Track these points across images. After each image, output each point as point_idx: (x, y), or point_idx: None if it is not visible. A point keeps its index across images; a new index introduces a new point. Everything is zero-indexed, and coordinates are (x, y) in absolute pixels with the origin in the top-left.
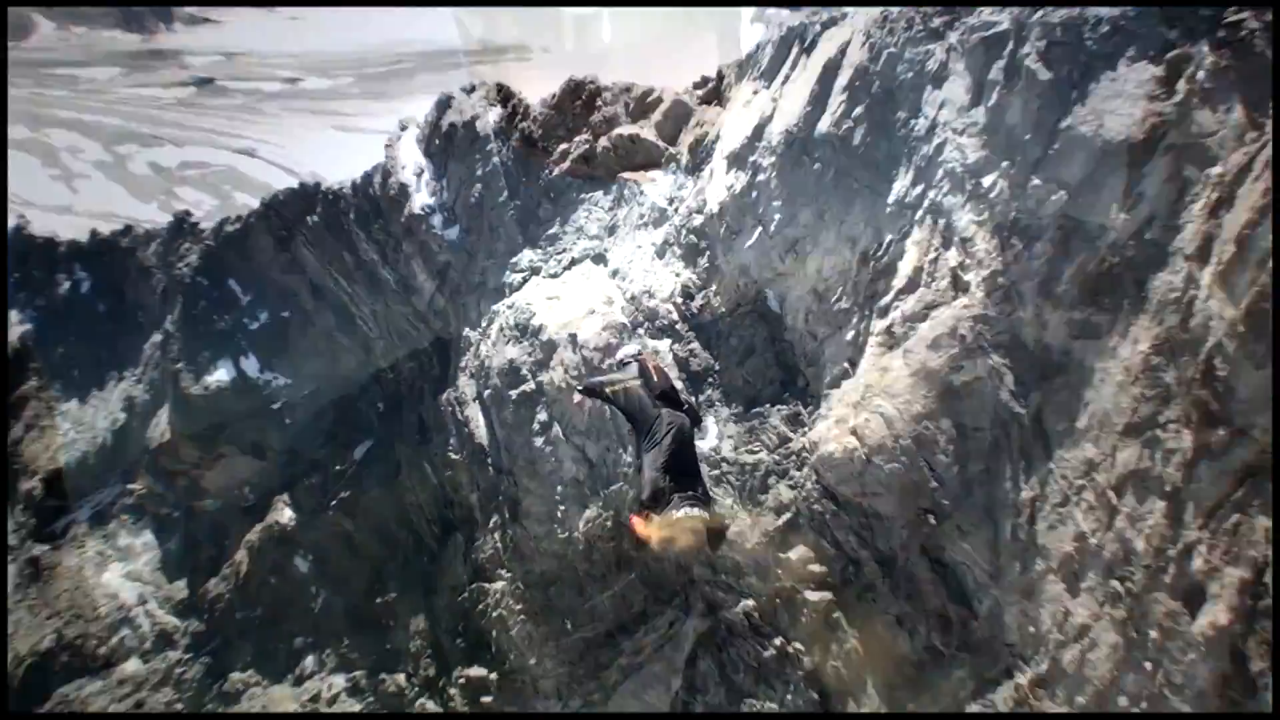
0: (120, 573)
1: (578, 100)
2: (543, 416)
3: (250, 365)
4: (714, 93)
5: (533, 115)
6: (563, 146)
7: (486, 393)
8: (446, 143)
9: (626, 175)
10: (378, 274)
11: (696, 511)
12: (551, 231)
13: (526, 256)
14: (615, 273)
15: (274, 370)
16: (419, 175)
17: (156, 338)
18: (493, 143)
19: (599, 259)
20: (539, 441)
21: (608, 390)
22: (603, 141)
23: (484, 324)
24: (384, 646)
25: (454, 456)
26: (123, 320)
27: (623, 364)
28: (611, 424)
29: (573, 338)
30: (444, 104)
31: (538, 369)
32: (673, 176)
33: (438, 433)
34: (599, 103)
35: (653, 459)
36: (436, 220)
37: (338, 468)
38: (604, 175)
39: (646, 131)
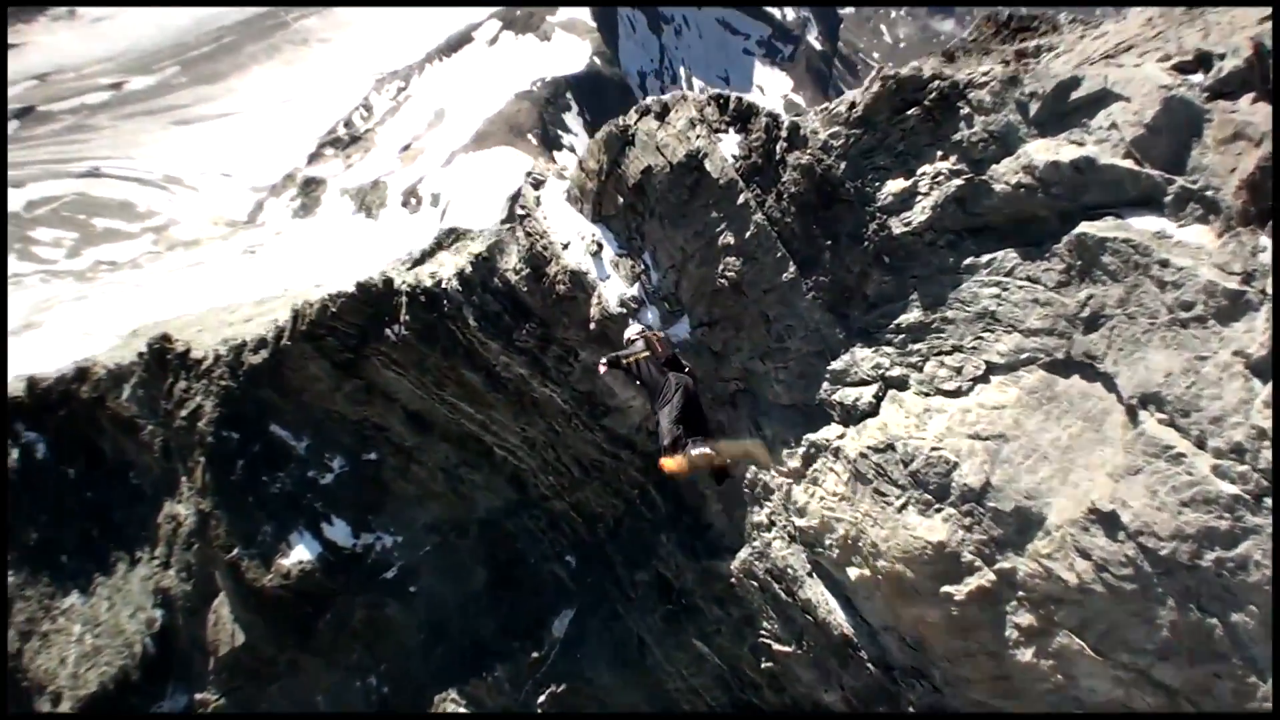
0: None
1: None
2: (1020, 619)
3: (339, 531)
4: None
5: (819, 139)
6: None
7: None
8: (638, 198)
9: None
10: (531, 392)
11: (705, 449)
12: (907, 318)
13: (864, 357)
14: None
15: (375, 529)
16: (595, 252)
17: (176, 508)
18: (744, 192)
19: (1060, 366)
20: (1019, 654)
21: (625, 362)
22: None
23: (795, 460)
24: None
25: (782, 647)
26: (109, 486)
27: (631, 342)
28: None
29: (1106, 516)
30: (616, 141)
31: (993, 551)
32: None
33: (709, 602)
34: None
35: (667, 413)
36: (651, 315)
37: (532, 653)
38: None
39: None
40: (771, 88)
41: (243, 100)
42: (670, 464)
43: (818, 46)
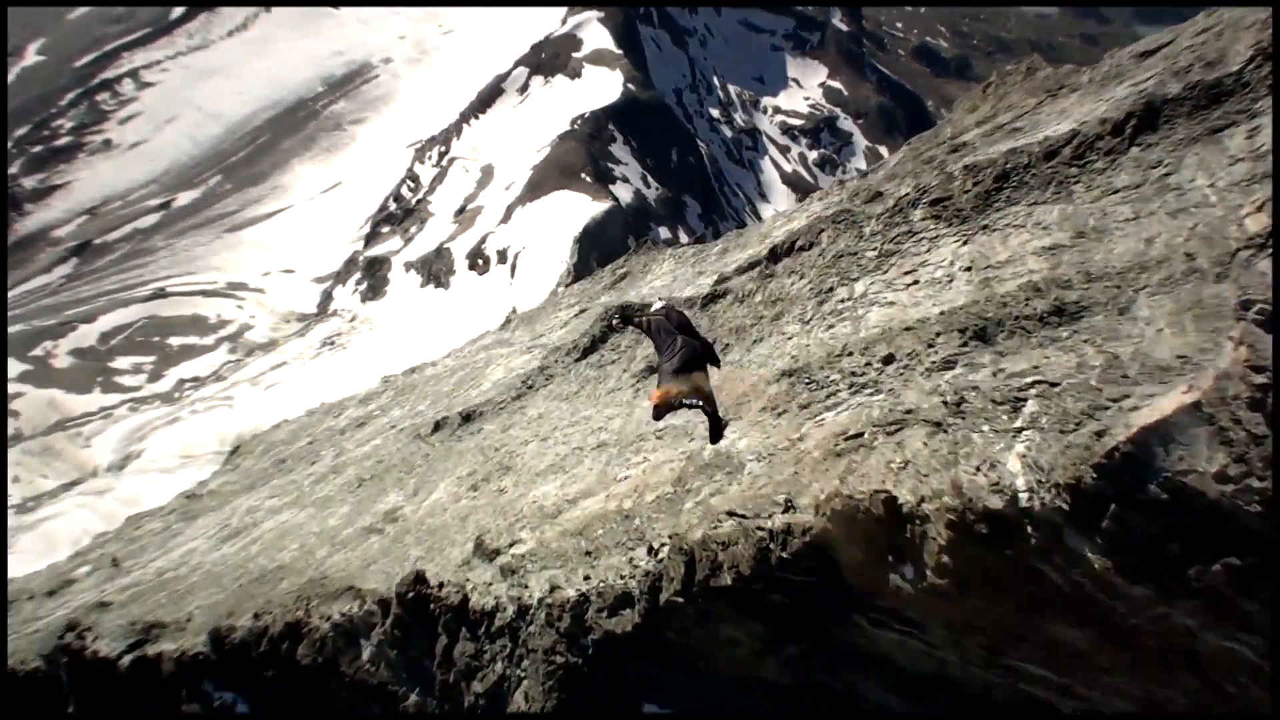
0: None
1: None
2: None
3: None
4: None
5: None
6: None
7: None
8: None
9: None
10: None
11: (698, 409)
12: None
13: None
14: None
15: None
16: None
17: None
18: None
19: None
20: None
21: (636, 319)
22: None
23: None
24: None
25: None
26: None
27: (654, 310)
28: None
29: None
30: None
31: None
32: None
33: None
34: None
35: (667, 362)
36: None
37: None
38: None
39: None
40: (807, 78)
41: (289, 195)
42: (656, 394)
43: (844, 28)
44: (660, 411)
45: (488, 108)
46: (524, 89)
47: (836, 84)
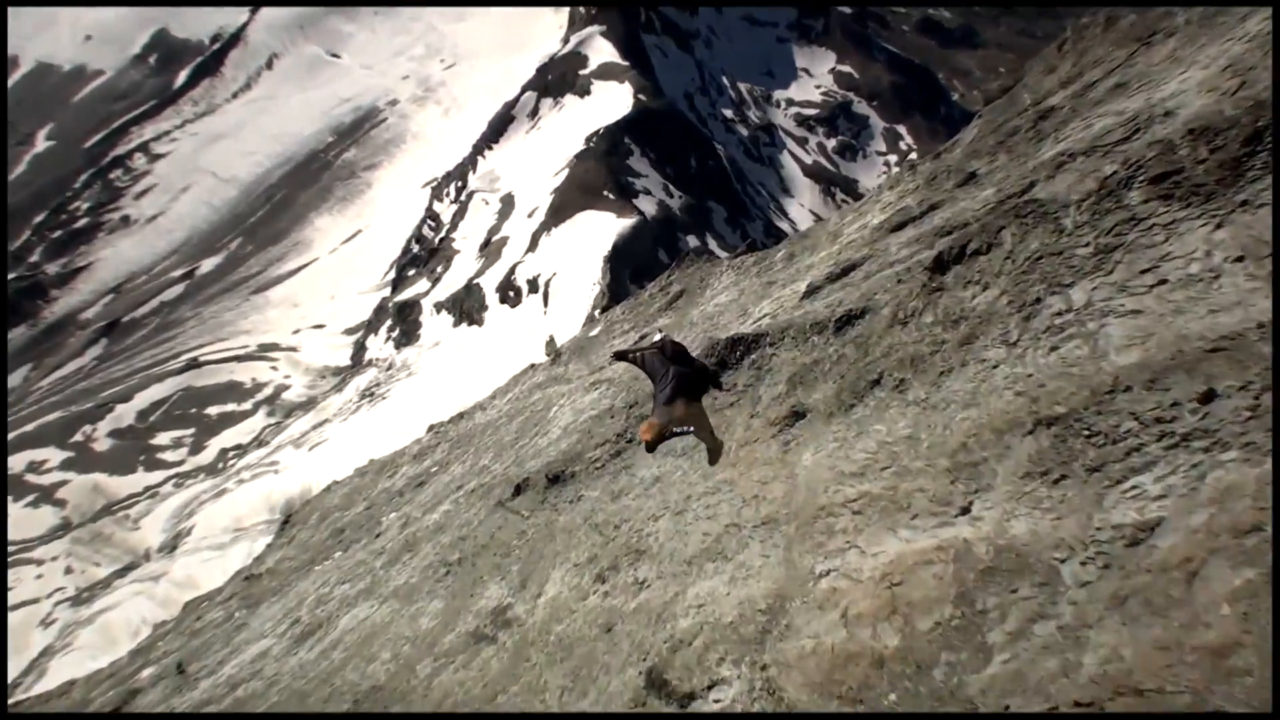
0: None
1: None
2: None
3: None
4: None
5: None
6: None
7: None
8: None
9: None
10: None
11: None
12: None
13: None
14: None
15: None
16: None
17: None
18: None
19: None
20: None
21: (630, 356)
22: None
23: None
24: None
25: None
26: None
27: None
28: None
29: None
30: None
31: None
32: None
33: None
34: None
35: (660, 394)
36: None
37: None
38: None
39: None
40: (816, 66)
41: (312, 249)
42: (646, 427)
43: (847, 10)
44: (652, 445)
45: (500, 137)
46: (534, 113)
47: (846, 68)
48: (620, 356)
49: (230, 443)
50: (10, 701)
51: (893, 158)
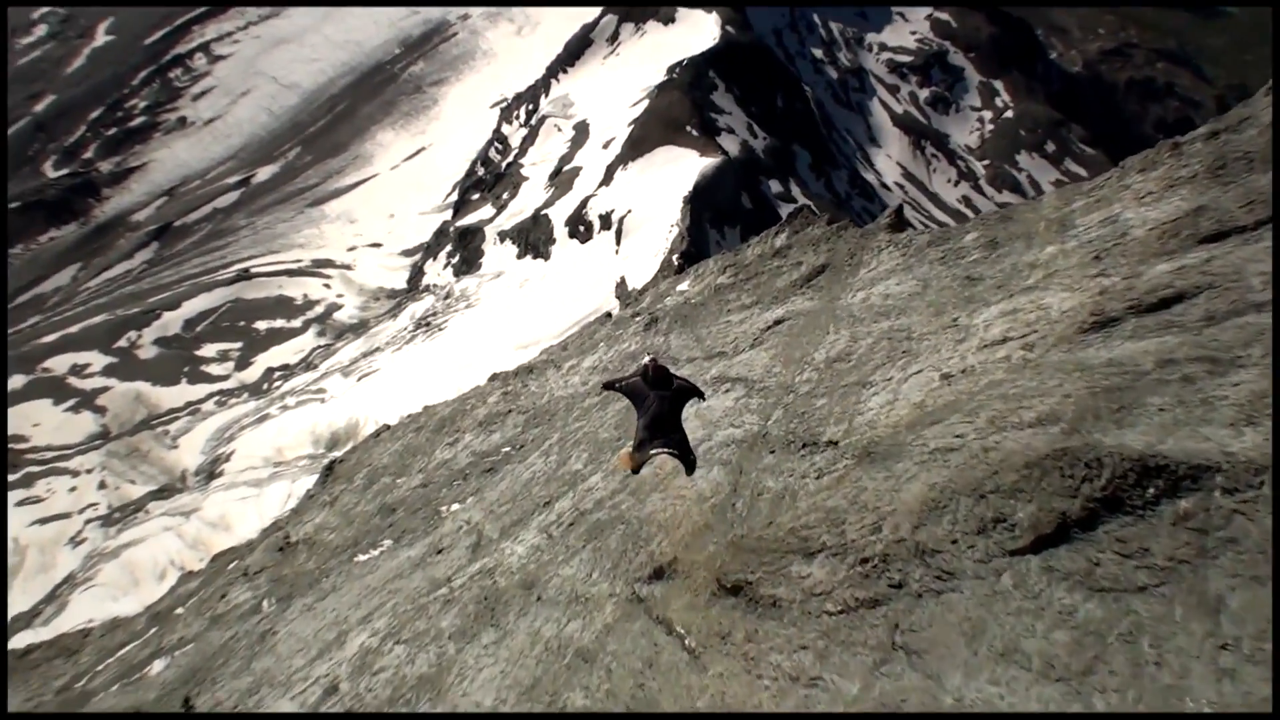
0: None
1: None
2: None
3: None
4: None
5: None
6: None
7: None
8: None
9: None
10: None
11: (665, 454)
12: None
13: None
14: None
15: None
16: None
17: None
18: None
19: None
20: None
21: (617, 386)
22: None
23: None
24: None
25: None
26: None
27: (637, 361)
28: None
29: None
30: None
31: None
32: None
33: None
34: None
35: (641, 421)
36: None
37: None
38: None
39: None
40: (913, 11)
41: (372, 164)
42: (625, 462)
43: None
44: (637, 469)
45: (576, 60)
46: (614, 38)
47: (944, 16)
48: (609, 387)
49: (277, 361)
50: (23, 641)
51: (987, 114)
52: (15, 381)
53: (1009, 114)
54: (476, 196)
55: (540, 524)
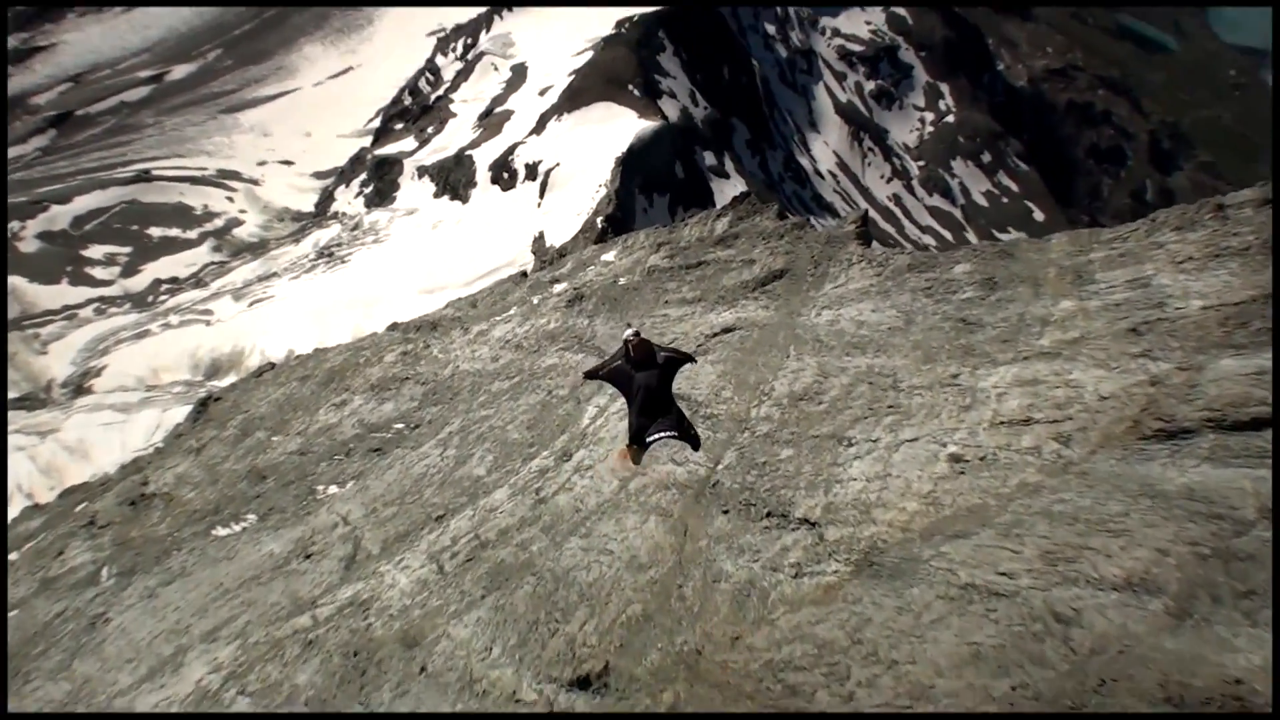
0: None
1: None
2: None
3: None
4: None
5: None
6: None
7: None
8: None
9: None
10: None
11: (666, 438)
12: None
13: None
14: None
15: None
16: None
17: None
18: None
19: None
20: None
21: (600, 374)
22: None
23: None
24: None
25: None
26: None
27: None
28: None
29: None
30: None
31: None
32: None
33: None
34: None
35: (633, 410)
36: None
37: None
38: None
39: None
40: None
41: (295, 78)
42: (623, 455)
43: None
44: (639, 459)
45: None
46: None
47: (901, 10)
48: (591, 376)
49: (166, 273)
50: None
51: (929, 115)
52: None
53: (950, 118)
54: (400, 127)
55: (431, 548)
